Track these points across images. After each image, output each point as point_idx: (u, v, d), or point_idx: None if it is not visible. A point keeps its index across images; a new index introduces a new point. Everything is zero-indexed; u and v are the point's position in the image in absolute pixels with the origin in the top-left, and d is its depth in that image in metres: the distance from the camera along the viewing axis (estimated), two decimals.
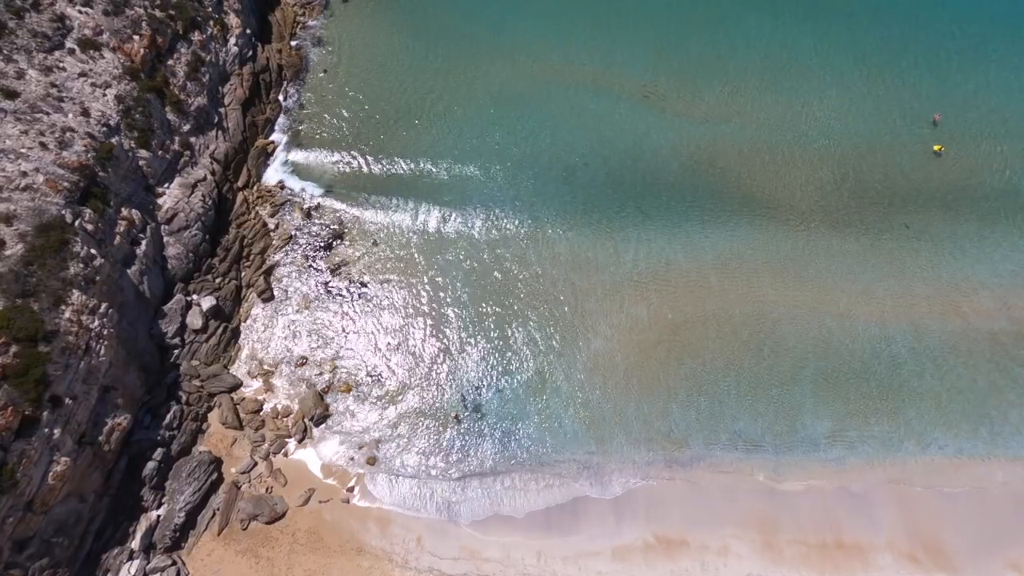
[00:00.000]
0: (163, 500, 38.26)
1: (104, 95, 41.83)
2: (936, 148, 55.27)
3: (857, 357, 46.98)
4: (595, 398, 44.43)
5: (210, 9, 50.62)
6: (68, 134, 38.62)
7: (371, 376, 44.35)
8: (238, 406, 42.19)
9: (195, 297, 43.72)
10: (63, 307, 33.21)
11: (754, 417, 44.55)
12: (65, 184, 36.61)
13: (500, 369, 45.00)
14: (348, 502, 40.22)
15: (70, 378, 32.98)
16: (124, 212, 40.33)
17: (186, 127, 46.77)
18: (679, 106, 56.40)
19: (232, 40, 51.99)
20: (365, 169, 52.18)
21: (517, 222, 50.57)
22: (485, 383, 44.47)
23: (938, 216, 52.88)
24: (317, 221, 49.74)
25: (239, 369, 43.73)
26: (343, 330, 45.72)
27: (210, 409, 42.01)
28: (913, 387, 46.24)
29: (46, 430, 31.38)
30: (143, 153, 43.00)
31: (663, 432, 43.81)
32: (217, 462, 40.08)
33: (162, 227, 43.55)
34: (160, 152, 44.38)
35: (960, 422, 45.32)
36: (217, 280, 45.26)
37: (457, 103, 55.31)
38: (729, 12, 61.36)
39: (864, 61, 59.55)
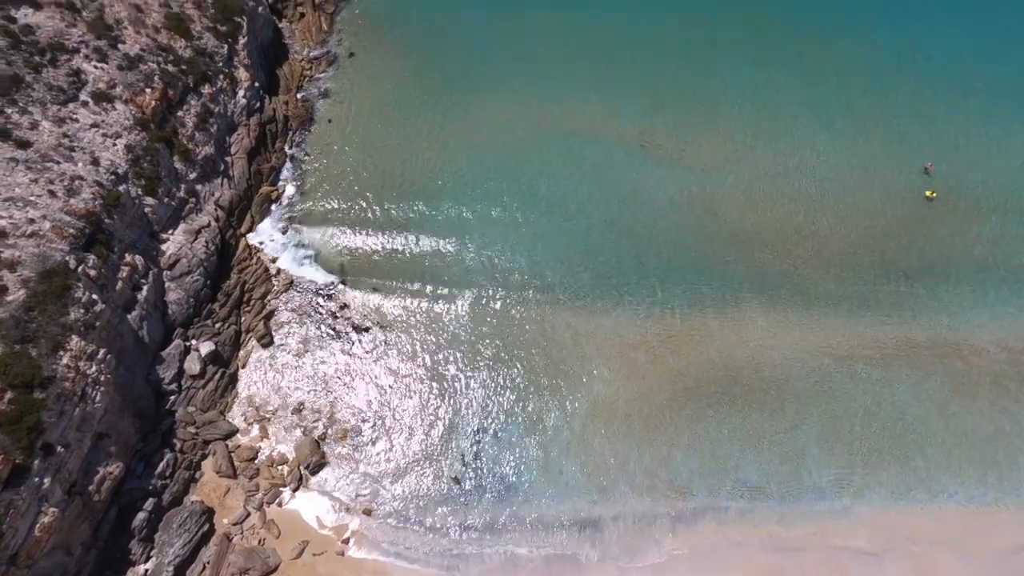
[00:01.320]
0: (152, 553, 37.08)
1: (114, 145, 42.95)
2: (928, 194, 56.39)
3: (859, 400, 46.60)
4: (596, 445, 43.74)
5: (221, 64, 52.52)
6: (77, 182, 39.45)
7: (370, 425, 43.76)
8: (233, 454, 41.45)
9: (194, 342, 43.63)
10: (61, 353, 33.11)
11: (758, 464, 43.81)
12: (71, 231, 37.15)
13: (500, 416, 44.49)
14: (343, 554, 39.00)
15: (64, 425, 32.55)
16: (127, 258, 40.74)
17: (193, 175, 47.80)
18: (675, 154, 57.81)
19: (241, 93, 53.73)
20: (368, 222, 52.73)
21: (515, 267, 50.98)
22: (485, 432, 43.87)
23: (935, 260, 53.43)
24: (317, 265, 50.16)
25: (235, 415, 43.20)
26: (342, 377, 45.40)
27: (204, 457, 41.25)
28: (918, 432, 45.68)
29: (36, 479, 30.73)
30: (149, 200, 43.79)
31: (666, 480, 42.95)
32: (209, 512, 39.05)
33: (164, 272, 43.91)
34: (166, 199, 45.21)
35: (967, 469, 44.56)
36: (217, 325, 45.28)
37: (457, 150, 56.66)
38: (720, 64, 63.62)
39: (852, 109, 61.41)
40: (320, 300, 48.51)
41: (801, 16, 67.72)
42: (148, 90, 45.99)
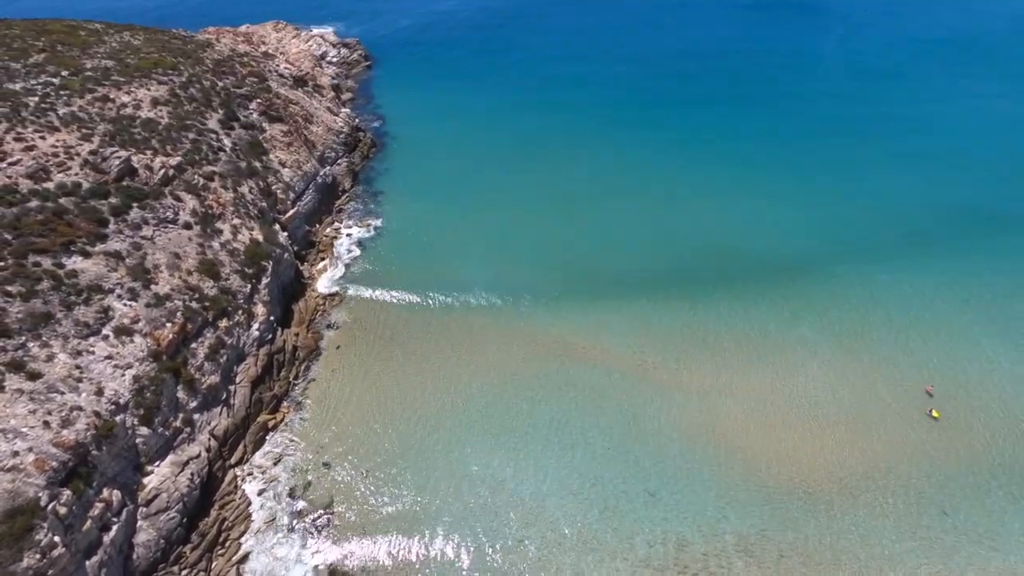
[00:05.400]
0: None
1: (123, 375, 43.82)
2: (934, 414, 55.63)
3: None
4: None
5: (241, 300, 56.66)
6: (75, 412, 39.20)
7: None
8: None
9: None
10: None
11: None
12: (53, 464, 35.64)
13: None
14: None
15: None
16: (104, 493, 38.31)
17: (193, 404, 47.77)
18: (670, 378, 58.70)
19: (255, 326, 56.87)
20: (367, 454, 51.48)
21: (517, 501, 47.70)
22: None
23: (963, 485, 49.95)
24: (306, 499, 46.94)
25: None
26: None
27: None
28: None
29: None
30: (143, 430, 42.98)
31: None
32: None
33: (140, 509, 40.82)
34: (161, 429, 44.40)
35: None
36: (183, 573, 40.39)
37: (458, 380, 57.76)
38: (700, 292, 68.48)
39: (837, 337, 63.89)
40: (303, 543, 44.20)
41: (773, 250, 75.29)
42: (168, 324, 48.73)
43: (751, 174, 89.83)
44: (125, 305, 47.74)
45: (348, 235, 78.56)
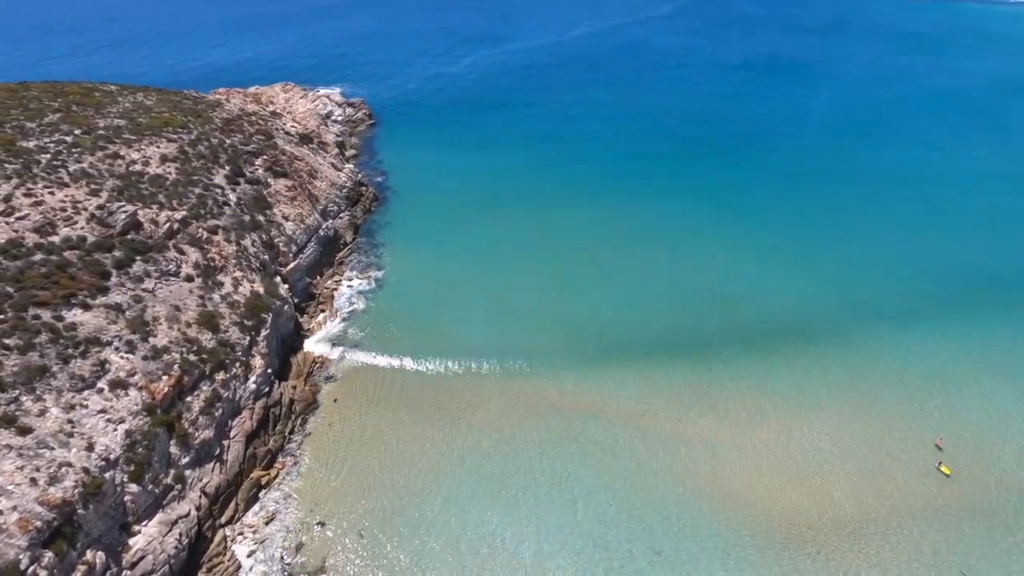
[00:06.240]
0: None
1: (115, 430, 43.04)
2: (945, 470, 54.11)
3: None
4: None
5: (240, 353, 56.30)
6: (63, 469, 38.27)
7: None
8: None
9: None
10: None
11: None
12: (37, 523, 34.52)
13: None
14: None
15: None
16: (88, 555, 36.89)
17: (185, 460, 46.67)
18: (675, 431, 57.51)
19: (252, 378, 56.25)
20: (363, 502, 50.00)
21: (517, 563, 45.79)
22: None
23: (982, 549, 48.08)
24: (298, 562, 45.07)
25: None
26: None
27: None
28: None
29: None
30: (132, 487, 41.81)
31: None
32: None
33: (124, 572, 39.16)
34: (151, 486, 43.20)
35: None
36: None
37: (458, 433, 56.65)
38: (704, 346, 67.84)
39: (843, 389, 62.73)
40: None
41: (776, 304, 74.91)
42: (164, 377, 48.25)
43: (753, 229, 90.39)
44: (122, 358, 47.44)
45: (349, 287, 78.90)
